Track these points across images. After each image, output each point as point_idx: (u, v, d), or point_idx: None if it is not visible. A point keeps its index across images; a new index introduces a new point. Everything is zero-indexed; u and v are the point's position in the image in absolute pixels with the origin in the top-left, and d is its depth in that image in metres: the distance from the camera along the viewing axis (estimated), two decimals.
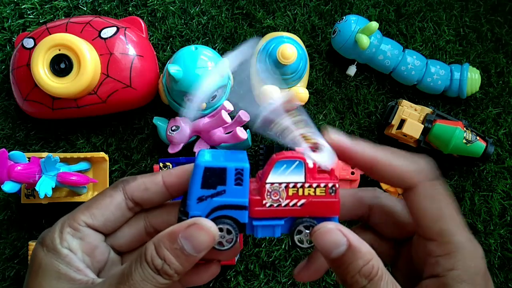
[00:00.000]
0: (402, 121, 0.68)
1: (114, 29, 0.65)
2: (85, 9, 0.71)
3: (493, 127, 0.73)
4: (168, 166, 0.66)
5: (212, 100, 0.64)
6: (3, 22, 0.71)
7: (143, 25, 0.69)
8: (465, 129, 0.67)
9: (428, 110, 0.69)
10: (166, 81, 0.65)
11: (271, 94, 0.65)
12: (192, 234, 0.29)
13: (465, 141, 0.66)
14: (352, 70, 0.71)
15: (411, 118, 0.68)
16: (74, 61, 0.61)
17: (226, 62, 0.60)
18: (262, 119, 0.33)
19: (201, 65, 0.61)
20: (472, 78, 0.70)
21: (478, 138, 0.67)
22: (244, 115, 0.65)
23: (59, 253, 0.31)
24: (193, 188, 0.30)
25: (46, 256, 0.31)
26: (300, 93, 0.68)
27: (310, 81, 0.72)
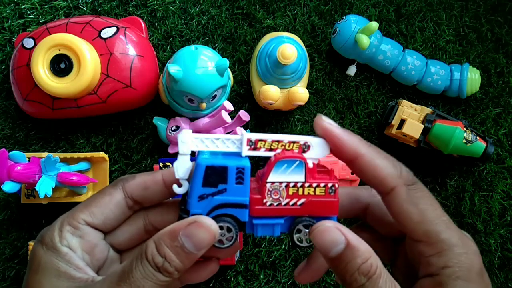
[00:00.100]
0: (402, 121, 0.68)
1: (114, 29, 0.65)
2: (85, 9, 0.71)
3: (493, 127, 0.73)
4: (168, 166, 0.66)
5: (212, 100, 0.65)
6: (3, 22, 0.71)
7: (143, 25, 0.69)
8: (465, 129, 0.67)
9: (428, 110, 0.69)
10: (166, 81, 0.65)
11: (270, 95, 0.65)
12: (193, 232, 0.29)
13: (465, 141, 0.66)
14: (352, 70, 0.71)
15: (411, 118, 0.68)
16: (74, 61, 0.61)
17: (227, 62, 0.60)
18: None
19: (201, 65, 0.61)
20: (472, 78, 0.70)
21: (478, 138, 0.67)
22: (244, 115, 0.65)
23: (59, 251, 0.31)
24: (194, 186, 0.30)
25: (46, 254, 0.31)
26: (300, 93, 0.68)
27: (310, 81, 0.72)
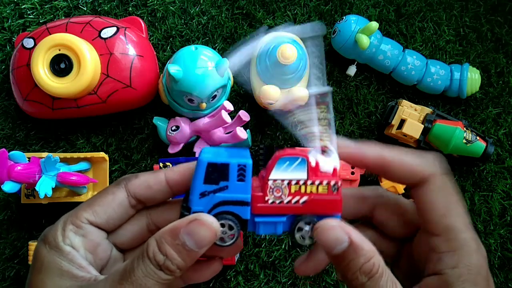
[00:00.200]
0: (402, 121, 0.68)
1: (114, 29, 0.65)
2: (85, 9, 0.71)
3: (493, 127, 0.73)
4: (168, 166, 0.66)
5: (212, 100, 0.64)
6: (3, 22, 0.71)
7: (143, 25, 0.69)
8: (465, 129, 0.67)
9: (428, 110, 0.69)
10: (166, 81, 0.65)
11: (270, 95, 0.65)
12: (194, 230, 0.29)
13: (465, 141, 0.67)
14: (352, 70, 0.71)
15: (411, 118, 0.68)
16: (74, 61, 0.61)
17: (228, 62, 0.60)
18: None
19: (201, 65, 0.61)
20: (472, 78, 0.70)
21: (478, 138, 0.67)
22: (244, 115, 0.65)
23: (62, 250, 0.31)
24: (196, 183, 0.30)
25: (49, 254, 0.30)
26: (300, 93, 0.68)
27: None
